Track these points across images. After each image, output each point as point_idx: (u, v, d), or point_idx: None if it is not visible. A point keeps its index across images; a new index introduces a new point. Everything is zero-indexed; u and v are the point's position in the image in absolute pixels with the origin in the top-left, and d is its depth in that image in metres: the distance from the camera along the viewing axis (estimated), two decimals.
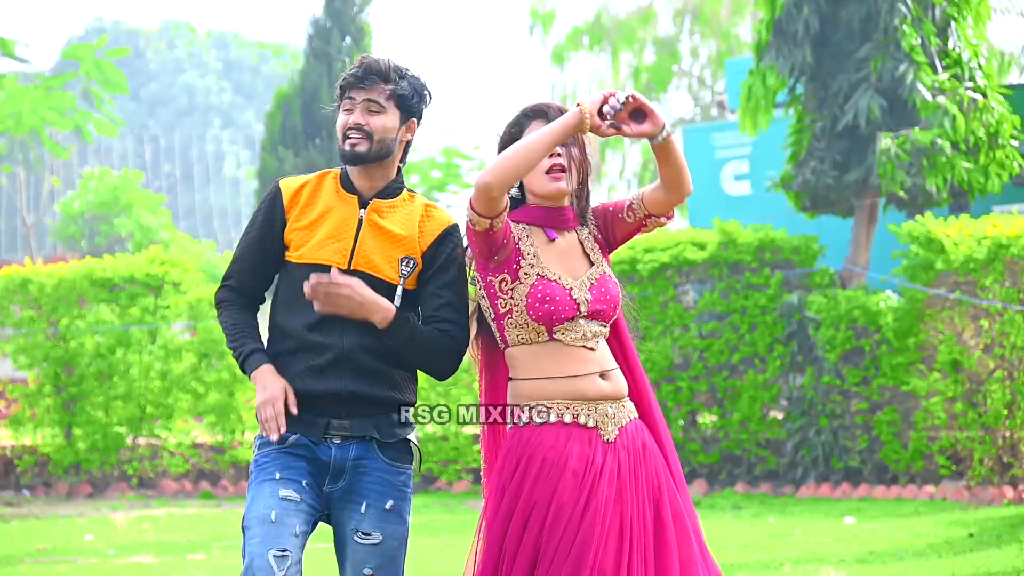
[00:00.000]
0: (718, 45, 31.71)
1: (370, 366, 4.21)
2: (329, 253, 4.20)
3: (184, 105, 50.09)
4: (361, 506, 4.26)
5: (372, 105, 4.24)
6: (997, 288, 11.68)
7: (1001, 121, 13.04)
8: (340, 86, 4.27)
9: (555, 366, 4.16)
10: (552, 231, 4.24)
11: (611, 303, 4.21)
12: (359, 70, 4.25)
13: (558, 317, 4.14)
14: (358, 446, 4.24)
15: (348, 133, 4.24)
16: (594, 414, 4.16)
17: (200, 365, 14.33)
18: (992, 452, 11.74)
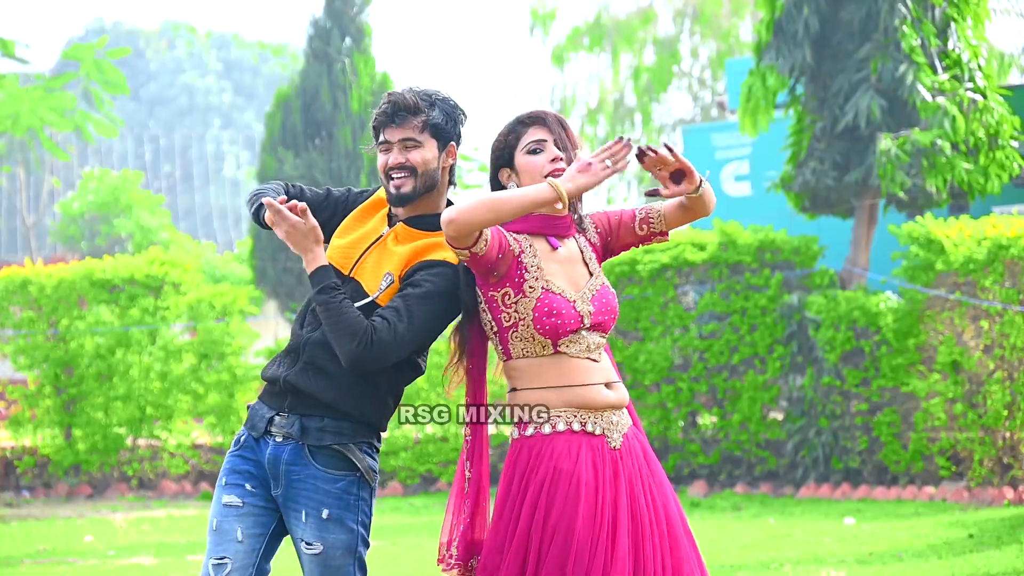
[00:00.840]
0: (718, 45, 31.71)
1: (321, 364, 4.17)
2: (339, 255, 4.25)
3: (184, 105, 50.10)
4: (301, 514, 4.18)
5: (408, 142, 4.22)
6: (997, 289, 11.68)
7: (1001, 122, 13.04)
8: (373, 127, 4.27)
9: (560, 377, 4.15)
10: (555, 240, 4.22)
11: (611, 314, 4.22)
12: (388, 108, 4.23)
13: (563, 330, 4.13)
14: (292, 449, 4.17)
15: (391, 174, 4.24)
16: (600, 422, 4.16)
17: (200, 366, 14.33)
18: (992, 453, 11.74)
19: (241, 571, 4.14)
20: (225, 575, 4.13)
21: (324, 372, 4.17)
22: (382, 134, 4.24)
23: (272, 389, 4.24)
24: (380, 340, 4.04)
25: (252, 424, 4.23)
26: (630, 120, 32.19)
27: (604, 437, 4.15)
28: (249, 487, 4.19)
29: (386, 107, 4.23)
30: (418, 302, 4.11)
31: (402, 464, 13.73)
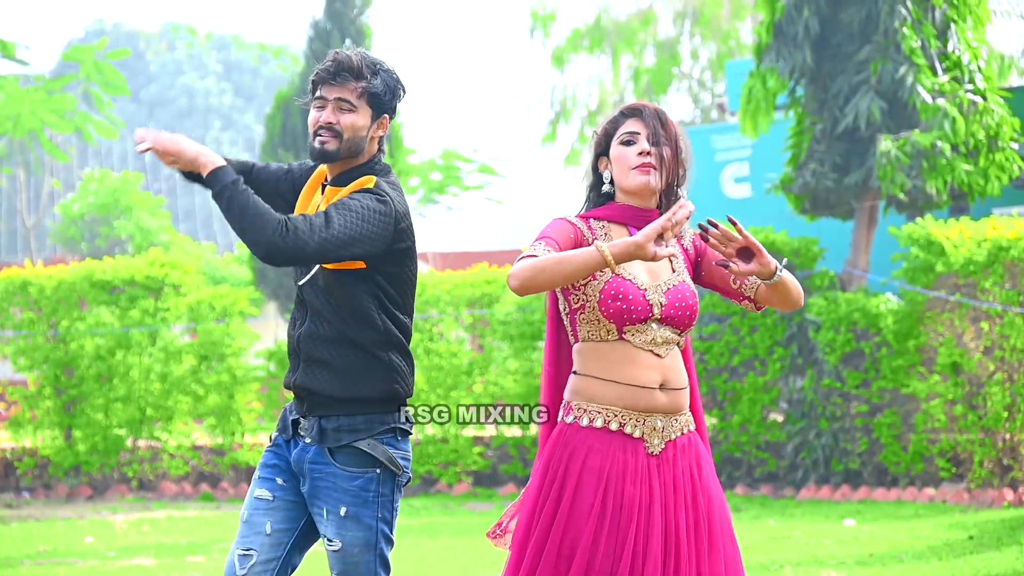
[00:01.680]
0: (718, 47, 31.71)
1: (318, 356, 4.20)
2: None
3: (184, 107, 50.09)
4: (323, 512, 4.23)
5: (343, 104, 4.21)
6: (997, 290, 11.68)
7: (1001, 123, 13.05)
8: (312, 81, 4.25)
9: (619, 369, 4.11)
10: (634, 230, 4.17)
11: (687, 310, 4.15)
12: (331, 66, 4.21)
13: (629, 317, 4.09)
14: (315, 450, 4.22)
15: (318, 131, 4.22)
16: (641, 425, 4.11)
17: (200, 367, 14.33)
18: (992, 454, 11.74)
19: (265, 564, 4.19)
20: (249, 566, 4.18)
21: (324, 363, 4.19)
22: (320, 90, 4.22)
23: (295, 394, 4.29)
24: (296, 227, 4.00)
25: (283, 426, 4.29)
26: None
27: (643, 441, 4.11)
28: (280, 481, 4.24)
29: (329, 65, 4.22)
30: (334, 208, 4.10)
31: None
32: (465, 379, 13.52)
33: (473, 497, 13.19)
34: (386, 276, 4.21)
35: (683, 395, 4.16)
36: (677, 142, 4.20)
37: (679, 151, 4.21)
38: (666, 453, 4.13)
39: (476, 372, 13.61)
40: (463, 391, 13.46)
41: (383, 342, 4.21)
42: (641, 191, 4.18)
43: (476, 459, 13.46)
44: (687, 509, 4.11)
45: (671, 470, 4.12)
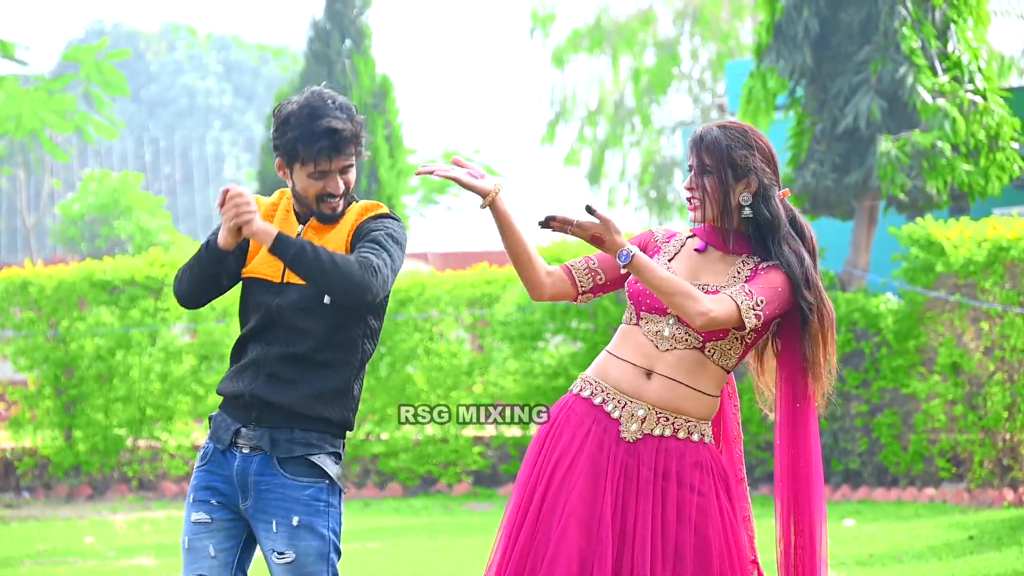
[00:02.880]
0: (718, 47, 31.71)
1: (287, 377, 4.15)
2: (264, 267, 4.20)
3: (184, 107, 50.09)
4: (272, 524, 4.15)
5: (347, 168, 4.20)
6: (997, 291, 11.68)
7: (1001, 124, 13.05)
8: (314, 156, 4.13)
9: (622, 346, 4.15)
10: (704, 244, 4.20)
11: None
12: (331, 142, 4.13)
13: (645, 302, 4.13)
14: (260, 460, 4.16)
15: (327, 199, 4.18)
16: (620, 408, 4.12)
17: (200, 367, 14.33)
18: (992, 455, 11.74)
19: None
20: None
21: (292, 382, 4.15)
22: (323, 163, 4.14)
23: (236, 403, 4.21)
24: (372, 265, 4.04)
25: (217, 436, 4.22)
26: (630, 122, 32.19)
27: (618, 423, 4.12)
28: (215, 502, 4.19)
29: (327, 141, 4.13)
30: (385, 239, 4.13)
31: (402, 465, 13.72)
32: (465, 379, 13.51)
33: (473, 497, 13.18)
34: (378, 306, 4.25)
35: (680, 394, 4.11)
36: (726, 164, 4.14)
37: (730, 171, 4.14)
38: (642, 445, 4.10)
39: (476, 372, 13.60)
40: (463, 391, 13.45)
41: (356, 373, 4.25)
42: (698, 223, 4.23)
43: (476, 459, 13.45)
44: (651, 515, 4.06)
45: (637, 465, 4.10)
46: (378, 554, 10.01)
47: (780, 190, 4.23)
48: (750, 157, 4.14)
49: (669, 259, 4.21)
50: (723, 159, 4.13)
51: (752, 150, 4.15)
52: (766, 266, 4.16)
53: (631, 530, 4.06)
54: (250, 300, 4.25)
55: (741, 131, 4.16)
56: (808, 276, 4.13)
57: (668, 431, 4.12)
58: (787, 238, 4.19)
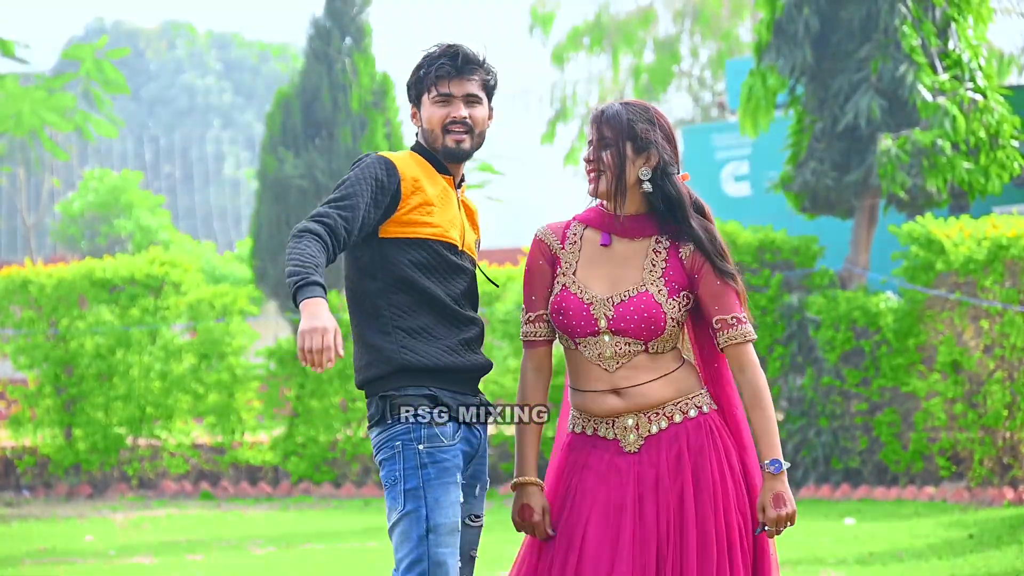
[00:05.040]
0: (718, 46, 31.69)
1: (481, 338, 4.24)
2: (453, 232, 4.12)
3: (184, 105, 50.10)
4: (475, 489, 4.18)
5: (472, 98, 4.10)
6: (997, 289, 11.68)
7: (1001, 122, 13.04)
8: (435, 76, 4.06)
9: (576, 377, 4.17)
10: (607, 236, 4.15)
11: (643, 322, 4.07)
12: (456, 61, 4.08)
13: (574, 331, 4.11)
14: (483, 428, 4.21)
15: (451, 127, 4.08)
16: (612, 428, 4.13)
17: (200, 366, 14.33)
18: (992, 453, 11.74)
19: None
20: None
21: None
22: (444, 86, 4.07)
23: (471, 376, 4.20)
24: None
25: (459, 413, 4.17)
26: None
27: (617, 441, 4.12)
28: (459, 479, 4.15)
29: (452, 60, 4.07)
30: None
31: None
32: None
33: None
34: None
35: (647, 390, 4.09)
36: (626, 137, 4.10)
37: (629, 144, 4.09)
38: (647, 450, 4.10)
39: None
40: None
41: None
42: (596, 195, 4.16)
43: None
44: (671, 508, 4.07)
45: (651, 468, 4.09)
46: (378, 553, 10.00)
47: (680, 173, 4.18)
48: (651, 131, 4.11)
49: (574, 270, 4.13)
50: (623, 132, 4.09)
51: (653, 126, 4.12)
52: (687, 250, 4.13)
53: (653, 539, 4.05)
54: (444, 261, 4.10)
55: (643, 107, 4.14)
56: (721, 249, 4.13)
57: (664, 423, 4.12)
58: (693, 215, 4.15)
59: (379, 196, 4.01)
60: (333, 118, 16.79)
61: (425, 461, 4.03)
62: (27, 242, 31.09)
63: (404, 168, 4.07)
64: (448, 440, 4.06)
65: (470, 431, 4.14)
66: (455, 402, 4.12)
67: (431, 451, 4.04)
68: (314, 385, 14.05)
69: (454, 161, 4.11)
